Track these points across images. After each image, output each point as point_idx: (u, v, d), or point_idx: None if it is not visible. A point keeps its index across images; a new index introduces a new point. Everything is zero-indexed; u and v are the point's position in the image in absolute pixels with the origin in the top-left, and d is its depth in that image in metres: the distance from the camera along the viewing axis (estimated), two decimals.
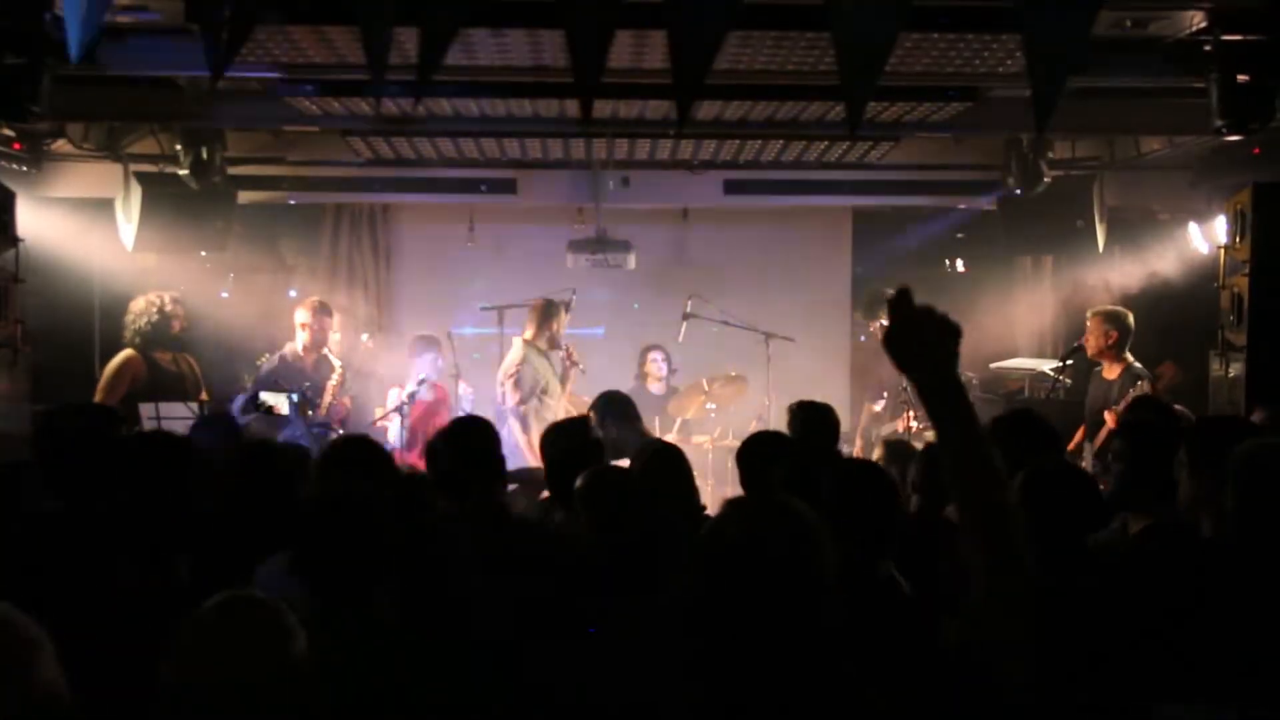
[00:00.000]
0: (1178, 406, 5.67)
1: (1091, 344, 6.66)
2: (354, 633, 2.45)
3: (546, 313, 7.46)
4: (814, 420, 4.86)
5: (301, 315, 7.31)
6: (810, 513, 2.03)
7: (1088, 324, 6.74)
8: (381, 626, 2.52)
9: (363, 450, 3.66)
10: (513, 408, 7.17)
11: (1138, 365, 6.59)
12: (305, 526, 2.64)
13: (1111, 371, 6.62)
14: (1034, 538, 3.04)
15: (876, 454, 5.17)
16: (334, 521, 2.60)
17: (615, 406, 5.40)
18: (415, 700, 2.39)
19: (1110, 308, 6.89)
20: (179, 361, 6.97)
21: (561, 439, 4.22)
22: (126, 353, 6.83)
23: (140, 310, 6.86)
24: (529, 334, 7.43)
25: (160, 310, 6.84)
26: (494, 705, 2.43)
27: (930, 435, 6.82)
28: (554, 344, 7.47)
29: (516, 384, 7.19)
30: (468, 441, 3.80)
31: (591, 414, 5.27)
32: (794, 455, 4.00)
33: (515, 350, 7.42)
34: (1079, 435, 6.67)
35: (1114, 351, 6.60)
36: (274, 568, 2.99)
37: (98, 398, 6.68)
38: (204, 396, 6.94)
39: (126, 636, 2.37)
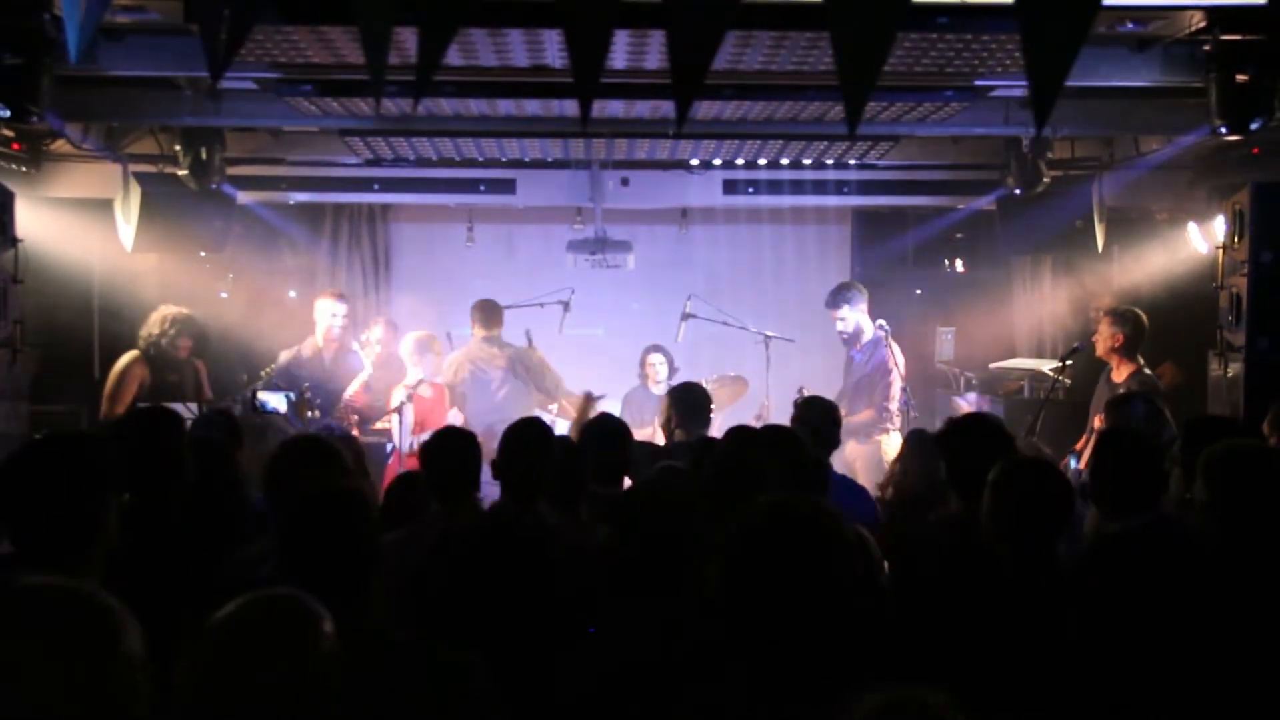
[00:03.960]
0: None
1: (1100, 345, 6.39)
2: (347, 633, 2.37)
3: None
4: (818, 413, 4.97)
5: (326, 306, 7.44)
6: (837, 512, 2.07)
7: (1096, 323, 6.50)
8: (374, 626, 2.43)
9: (312, 450, 3.63)
10: None
11: (1148, 371, 6.32)
12: (291, 523, 2.53)
13: (1120, 374, 6.32)
14: (1006, 535, 3.02)
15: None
16: (321, 518, 2.50)
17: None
18: (412, 702, 2.35)
19: (1121, 307, 6.59)
20: (183, 370, 6.96)
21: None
22: (133, 354, 6.83)
23: (155, 324, 6.86)
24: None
25: (168, 331, 6.84)
26: (495, 709, 2.39)
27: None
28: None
29: None
30: (449, 448, 3.84)
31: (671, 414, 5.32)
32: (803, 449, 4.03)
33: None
34: (1084, 439, 6.32)
35: (1122, 353, 6.30)
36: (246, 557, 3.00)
37: (104, 407, 6.68)
38: (207, 395, 6.95)
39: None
